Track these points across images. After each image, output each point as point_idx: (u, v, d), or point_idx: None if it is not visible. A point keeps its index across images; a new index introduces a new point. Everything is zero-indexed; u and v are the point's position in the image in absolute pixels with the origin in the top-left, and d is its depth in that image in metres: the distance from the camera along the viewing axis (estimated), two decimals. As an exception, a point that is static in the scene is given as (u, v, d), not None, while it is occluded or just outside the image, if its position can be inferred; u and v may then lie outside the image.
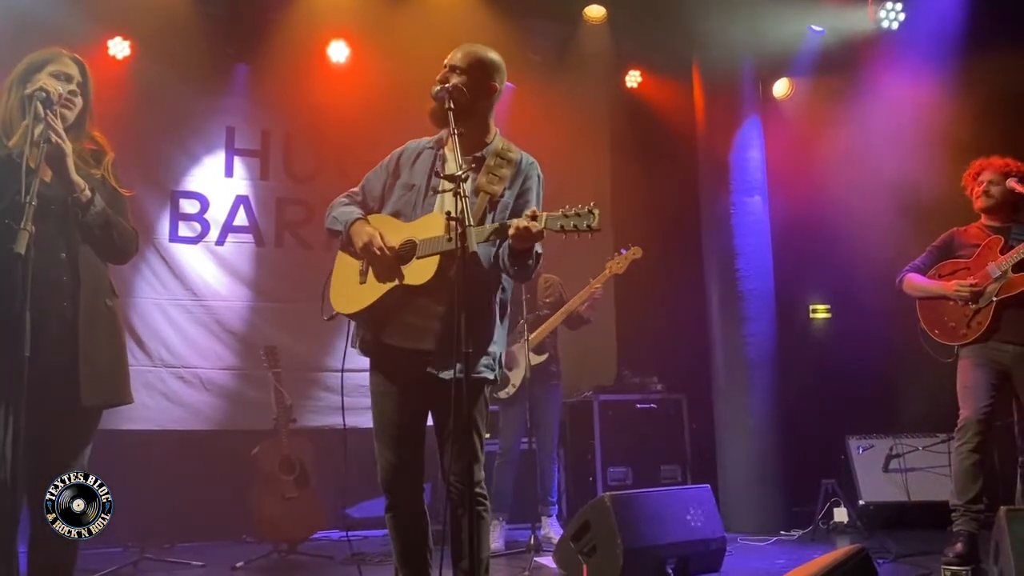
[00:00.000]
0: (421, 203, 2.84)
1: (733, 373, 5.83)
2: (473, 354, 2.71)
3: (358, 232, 2.79)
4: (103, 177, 2.71)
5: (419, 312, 2.74)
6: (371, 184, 3.01)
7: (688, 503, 4.29)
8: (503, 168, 2.86)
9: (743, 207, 5.93)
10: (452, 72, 2.85)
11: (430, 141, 2.98)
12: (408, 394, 2.82)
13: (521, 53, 6.51)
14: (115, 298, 2.76)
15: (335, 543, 5.52)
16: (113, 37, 5.84)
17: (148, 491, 5.17)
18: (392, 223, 2.85)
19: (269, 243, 6.33)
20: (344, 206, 2.96)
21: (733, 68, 6.09)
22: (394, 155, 3.01)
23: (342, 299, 2.88)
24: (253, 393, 5.86)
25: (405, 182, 2.91)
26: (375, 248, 2.73)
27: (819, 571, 2.06)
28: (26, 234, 2.20)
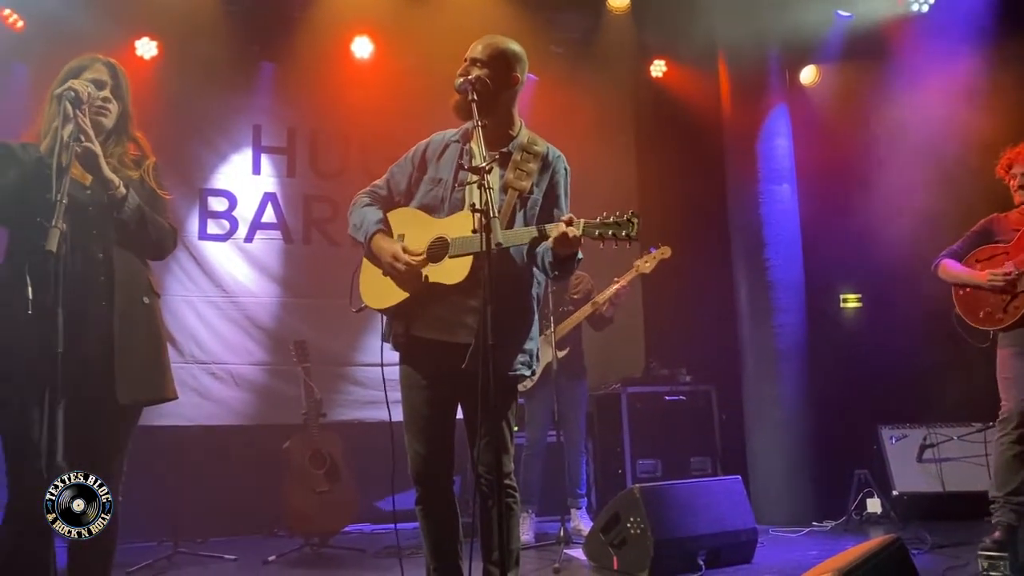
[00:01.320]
0: (448, 197, 2.83)
1: (763, 364, 5.77)
2: (510, 351, 2.74)
3: (380, 250, 2.82)
4: (141, 178, 2.74)
5: (451, 306, 2.74)
6: (396, 178, 3.01)
7: (718, 495, 4.28)
8: (529, 163, 2.85)
9: (771, 196, 5.87)
10: (474, 65, 2.84)
11: (455, 134, 2.97)
12: (438, 387, 2.82)
13: (544, 46, 6.50)
14: (154, 296, 2.77)
15: (366, 536, 5.57)
16: (140, 38, 5.91)
17: (181, 486, 5.25)
18: (420, 218, 2.86)
19: (297, 240, 6.38)
20: (365, 207, 2.96)
21: (759, 56, 6.03)
22: (419, 148, 3.01)
23: (372, 293, 2.89)
24: (283, 388, 5.91)
25: (432, 176, 2.91)
26: (399, 267, 2.75)
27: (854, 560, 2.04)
28: (57, 232, 2.22)
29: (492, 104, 2.80)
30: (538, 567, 4.37)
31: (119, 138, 2.75)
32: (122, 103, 2.75)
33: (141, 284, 2.73)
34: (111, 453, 2.67)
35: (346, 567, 4.71)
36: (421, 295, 2.76)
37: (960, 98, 5.75)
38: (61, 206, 2.26)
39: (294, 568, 4.72)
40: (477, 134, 2.64)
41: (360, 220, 2.92)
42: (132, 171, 2.73)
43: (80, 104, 2.50)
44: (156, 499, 4.90)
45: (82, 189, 2.61)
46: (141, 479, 2.74)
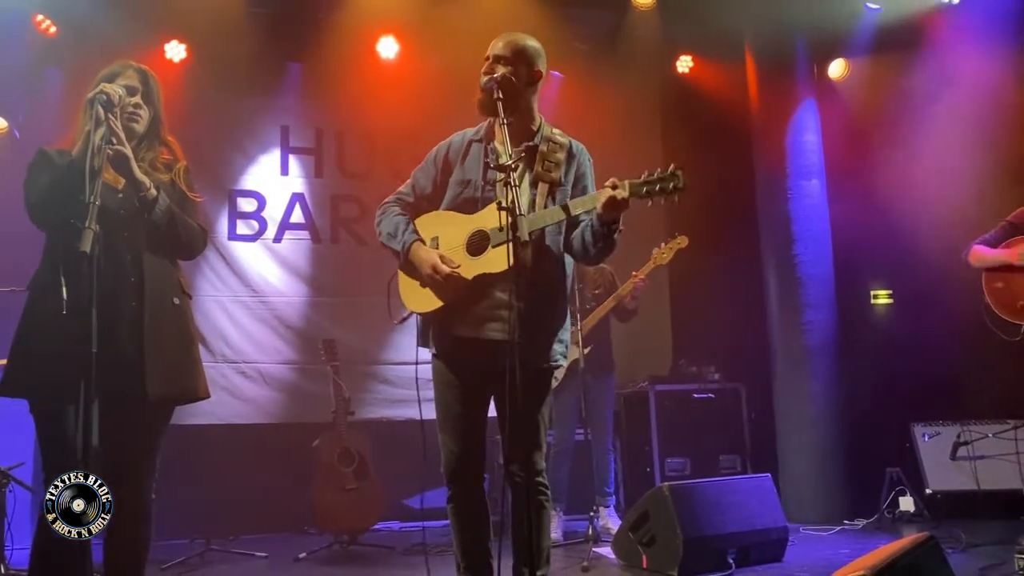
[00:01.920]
0: (481, 197, 2.84)
1: (792, 361, 5.72)
2: (546, 343, 2.74)
3: (419, 260, 2.81)
4: (172, 181, 2.77)
5: (487, 303, 2.75)
6: (420, 182, 3.01)
7: (748, 493, 4.25)
8: (556, 153, 2.87)
9: (800, 191, 5.81)
10: (497, 62, 2.85)
11: (476, 132, 2.98)
12: (472, 383, 2.83)
13: (568, 42, 6.48)
14: (184, 297, 2.81)
15: (395, 533, 5.60)
16: (169, 41, 5.97)
17: (212, 484, 5.31)
18: (454, 218, 2.86)
19: (325, 239, 6.42)
20: (395, 216, 2.95)
21: (787, 50, 5.98)
22: (440, 150, 3.01)
23: (414, 299, 2.88)
24: (312, 387, 5.95)
25: (459, 178, 2.91)
26: (441, 276, 2.74)
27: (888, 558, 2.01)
28: (91, 233, 2.25)
29: (517, 101, 2.82)
30: (566, 565, 4.37)
31: (151, 143, 2.79)
32: (153, 109, 2.79)
33: (171, 285, 2.76)
34: (144, 452, 2.71)
35: (375, 565, 4.74)
36: (464, 295, 2.76)
37: (992, 91, 5.66)
38: (94, 208, 2.30)
39: (324, 566, 4.76)
40: (503, 132, 2.64)
41: (393, 229, 2.91)
42: (163, 174, 2.77)
43: (112, 107, 2.53)
44: (188, 497, 4.96)
45: (114, 193, 2.65)
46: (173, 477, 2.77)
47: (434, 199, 2.97)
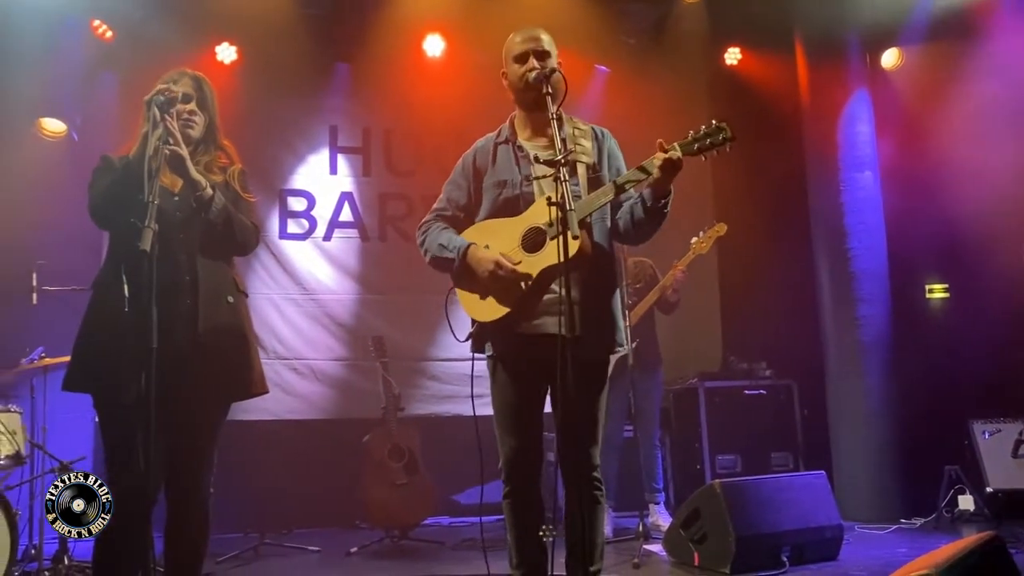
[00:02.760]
0: (522, 194, 2.84)
1: (846, 357, 5.62)
2: (603, 333, 2.76)
3: (477, 261, 2.79)
4: (226, 183, 2.83)
5: (546, 298, 2.74)
6: (453, 195, 3.01)
7: (802, 490, 4.19)
8: (583, 140, 2.88)
9: (853, 184, 5.70)
10: (542, 56, 2.84)
11: (498, 135, 2.99)
12: (530, 380, 2.83)
13: (615, 37, 6.47)
14: (239, 295, 2.86)
15: (444, 529, 5.63)
16: (220, 43, 6.07)
17: (266, 479, 5.39)
18: (503, 223, 2.85)
19: (373, 237, 6.48)
20: (440, 229, 2.95)
21: (838, 40, 5.86)
22: (467, 159, 3.01)
23: (480, 309, 2.85)
24: (362, 383, 6.02)
25: (493, 180, 2.90)
26: (505, 272, 2.73)
27: (952, 557, 1.96)
28: (150, 232, 2.31)
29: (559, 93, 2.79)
30: (617, 562, 4.35)
31: (207, 147, 2.84)
32: (208, 114, 2.84)
33: (226, 284, 2.81)
34: (202, 447, 2.76)
35: (426, 559, 4.77)
36: (529, 293, 2.75)
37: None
38: (153, 207, 2.35)
39: (376, 560, 4.81)
40: (553, 126, 2.63)
41: (445, 240, 2.90)
42: (217, 176, 2.82)
43: (168, 108, 2.58)
44: (242, 491, 5.04)
45: (170, 195, 2.71)
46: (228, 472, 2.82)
47: (472, 209, 2.97)
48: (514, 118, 3.00)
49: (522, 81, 2.82)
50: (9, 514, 3.61)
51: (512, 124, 2.98)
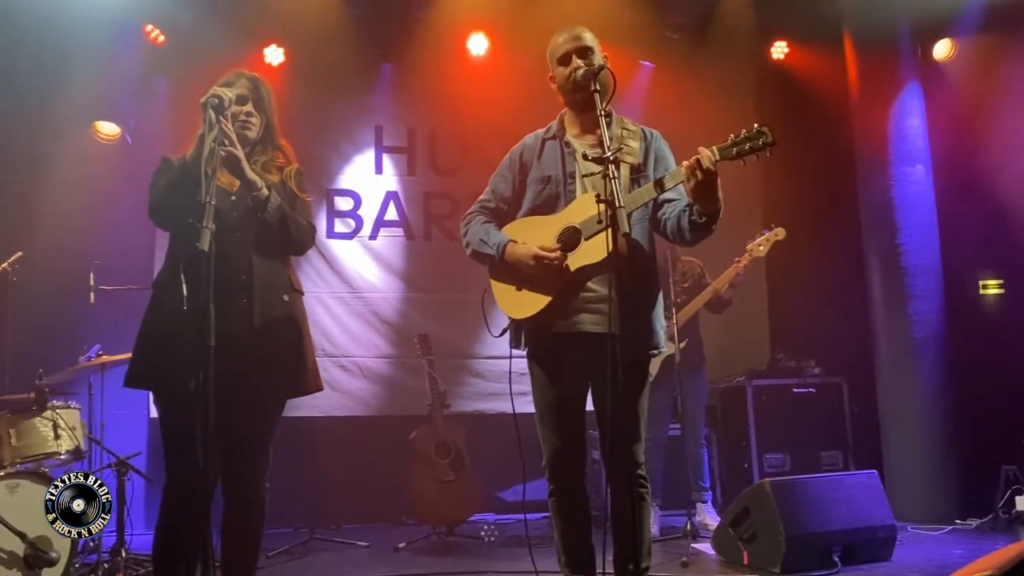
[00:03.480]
0: (564, 193, 2.84)
1: (897, 354, 5.52)
2: (643, 332, 2.75)
3: (516, 256, 2.81)
4: (283, 182, 2.86)
5: (584, 296, 2.74)
6: (499, 188, 3.03)
7: (854, 489, 4.13)
8: (631, 140, 2.86)
9: (904, 178, 5.59)
10: (585, 54, 2.85)
11: (547, 131, 2.99)
12: (571, 378, 2.84)
13: (659, 33, 6.43)
14: (295, 293, 2.89)
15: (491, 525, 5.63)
16: (268, 45, 6.17)
17: (314, 474, 5.47)
18: (540, 222, 2.86)
19: (418, 236, 6.53)
20: (482, 223, 2.97)
21: (889, 31, 5.75)
22: (514, 154, 3.02)
23: (515, 305, 2.88)
24: (409, 380, 6.07)
25: (538, 175, 2.91)
26: (549, 260, 2.73)
27: (1016, 558, 1.91)
28: (207, 232, 2.34)
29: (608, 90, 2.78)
30: (665, 561, 4.33)
31: (264, 148, 2.88)
32: (265, 115, 2.87)
33: (281, 283, 2.84)
34: (258, 444, 2.80)
35: (473, 556, 4.79)
36: (565, 291, 2.75)
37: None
38: (210, 208, 2.38)
39: (424, 555, 4.84)
40: (601, 123, 2.63)
41: (484, 235, 2.92)
42: (274, 176, 2.85)
43: (223, 110, 2.61)
44: (292, 487, 5.11)
45: (227, 195, 2.75)
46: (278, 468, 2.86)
47: (515, 203, 2.98)
48: (564, 115, 3.00)
49: (569, 82, 2.82)
50: (70, 507, 3.71)
51: (562, 121, 2.99)
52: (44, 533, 3.53)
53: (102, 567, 4.02)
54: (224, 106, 2.61)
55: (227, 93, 2.66)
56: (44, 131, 5.60)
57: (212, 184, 2.43)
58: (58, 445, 4.01)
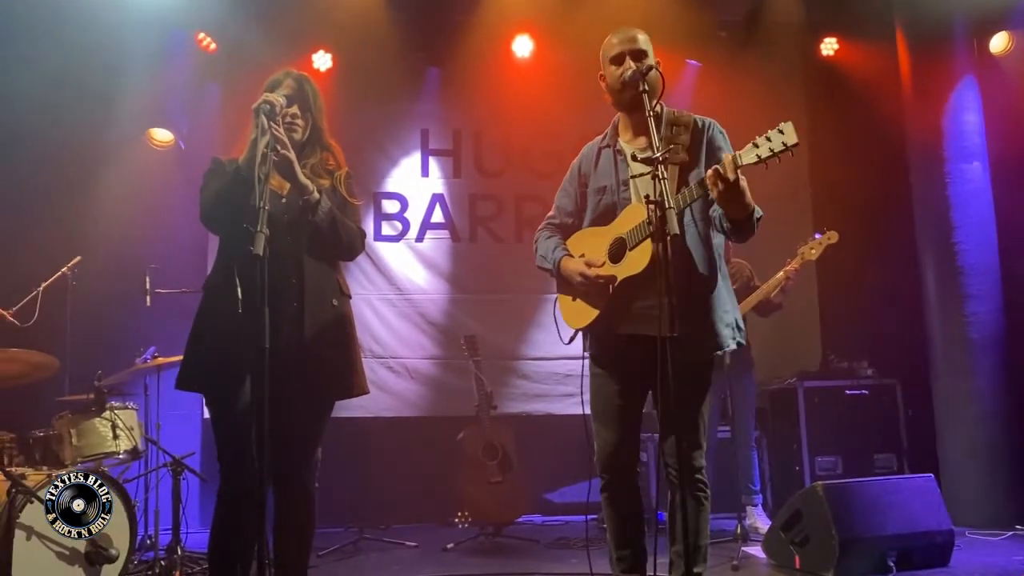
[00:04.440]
0: (619, 200, 2.87)
1: (954, 356, 5.38)
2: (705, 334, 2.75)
3: (568, 272, 2.91)
4: (333, 186, 2.88)
5: (644, 300, 2.74)
6: (562, 203, 3.11)
7: (909, 493, 4.04)
8: (681, 135, 2.84)
9: (960, 175, 5.46)
10: (638, 56, 2.85)
11: (602, 139, 3.02)
12: (630, 378, 2.86)
13: (707, 31, 6.39)
14: (344, 298, 2.90)
15: (538, 527, 5.66)
16: (316, 51, 6.25)
17: (364, 475, 5.52)
18: (596, 233, 2.91)
19: (464, 238, 6.56)
20: (546, 239, 3.08)
21: (942, 25, 5.61)
22: (573, 167, 3.10)
23: (573, 317, 2.98)
24: (455, 381, 6.10)
25: (595, 186, 2.96)
26: (590, 278, 2.81)
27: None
28: (262, 236, 2.38)
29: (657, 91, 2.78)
30: (715, 563, 4.28)
31: (312, 149, 2.89)
32: (311, 116, 2.88)
33: (330, 287, 2.86)
34: (307, 444, 2.83)
35: (521, 557, 4.79)
36: (612, 302, 2.81)
37: None
38: (264, 212, 2.42)
39: (472, 556, 4.86)
40: (650, 123, 2.62)
41: (545, 251, 3.05)
42: (324, 179, 2.86)
43: (274, 115, 2.64)
44: (342, 486, 5.17)
45: (278, 199, 2.77)
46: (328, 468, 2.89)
47: (579, 215, 3.05)
48: (617, 121, 3.01)
49: (619, 82, 2.84)
50: (128, 505, 3.79)
51: (615, 127, 3.00)
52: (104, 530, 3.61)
53: (159, 564, 4.10)
54: (276, 112, 2.65)
55: (279, 99, 2.69)
56: (100, 138, 5.75)
57: (265, 189, 2.47)
58: (117, 445, 4.11)
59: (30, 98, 5.25)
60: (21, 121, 5.29)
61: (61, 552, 3.48)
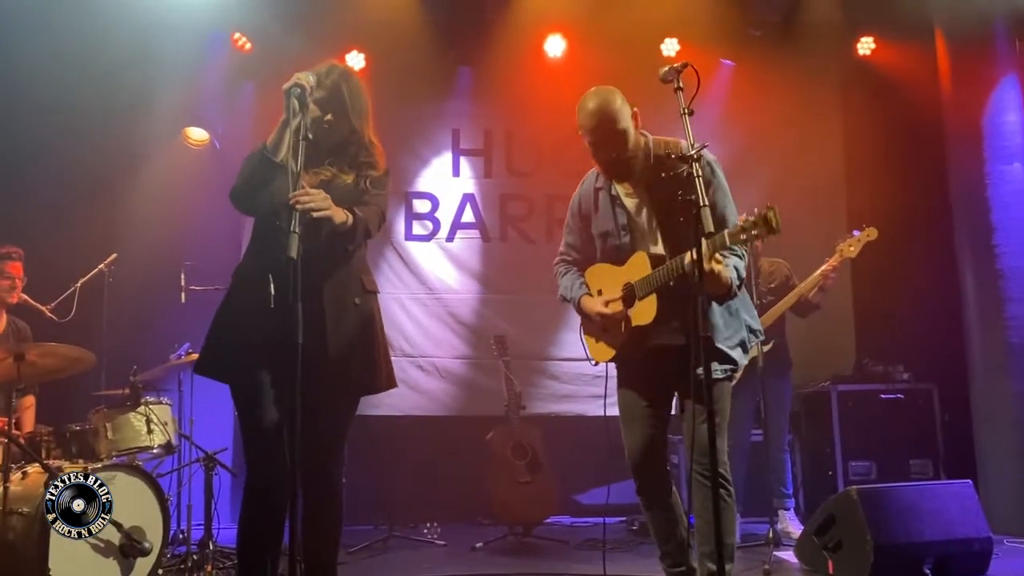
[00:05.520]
0: (621, 245, 2.97)
1: (993, 360, 5.29)
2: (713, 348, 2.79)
3: (587, 311, 3.05)
4: (356, 182, 2.81)
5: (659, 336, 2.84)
6: (571, 240, 3.23)
7: (947, 499, 3.97)
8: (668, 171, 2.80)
9: (1000, 177, 5.36)
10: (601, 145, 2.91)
11: (596, 179, 3.07)
12: (655, 383, 2.93)
13: (742, 30, 6.32)
14: (367, 295, 2.86)
15: (566, 528, 5.64)
16: (350, 51, 6.28)
17: (393, 473, 5.54)
18: (610, 271, 3.03)
19: (494, 238, 6.56)
20: (565, 274, 3.22)
21: (982, 24, 5.52)
22: (573, 204, 3.19)
23: (595, 349, 3.11)
24: (485, 381, 6.10)
25: (599, 231, 3.05)
26: (606, 316, 2.95)
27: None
28: (295, 238, 2.36)
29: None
30: (747, 568, 4.25)
31: (346, 149, 2.84)
32: (348, 117, 2.80)
33: (352, 286, 2.82)
34: (334, 439, 2.82)
35: (550, 558, 4.78)
36: (628, 344, 2.93)
37: None
38: (297, 212, 2.40)
39: (501, 556, 4.86)
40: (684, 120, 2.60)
41: (567, 287, 3.18)
42: (348, 175, 2.82)
43: (305, 99, 2.56)
44: (371, 484, 5.20)
45: None
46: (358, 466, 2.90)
47: (587, 248, 3.16)
48: None
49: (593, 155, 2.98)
50: (162, 499, 3.84)
51: None
52: (138, 524, 3.66)
53: (191, 558, 4.15)
54: (307, 95, 2.57)
55: (309, 80, 2.60)
56: (137, 136, 5.83)
57: (299, 182, 2.46)
58: (151, 439, 4.15)
59: (68, 96, 5.33)
60: (59, 119, 5.36)
61: (96, 544, 3.53)
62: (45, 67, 5.36)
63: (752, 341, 2.97)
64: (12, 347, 3.84)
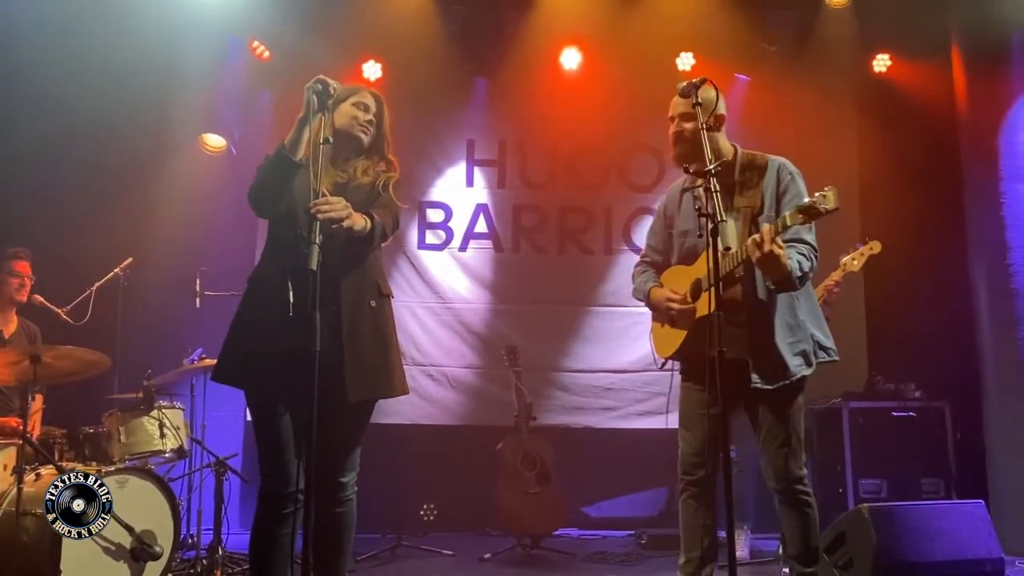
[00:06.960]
0: (699, 244, 2.99)
1: (1007, 379, 5.26)
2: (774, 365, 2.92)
3: (657, 301, 3.17)
4: (372, 184, 2.83)
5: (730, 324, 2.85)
6: (652, 243, 3.34)
7: (958, 519, 3.94)
8: (754, 179, 2.99)
9: (1016, 196, 5.34)
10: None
11: (684, 181, 3.17)
12: (704, 394, 3.00)
13: (757, 45, 6.33)
14: (382, 298, 2.87)
15: (575, 540, 5.62)
16: (367, 60, 6.32)
17: (402, 482, 5.54)
18: (683, 271, 3.14)
19: (507, 248, 6.56)
20: (641, 274, 3.33)
21: (1000, 42, 5.51)
22: (659, 207, 3.33)
23: (661, 345, 3.23)
24: (495, 391, 6.10)
25: (679, 230, 3.16)
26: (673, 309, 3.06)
27: None
28: (315, 249, 2.36)
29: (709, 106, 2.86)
30: (756, 584, 4.23)
31: (370, 155, 2.89)
32: (379, 129, 2.89)
33: (368, 289, 2.83)
34: (348, 446, 2.83)
35: (557, 570, 4.78)
36: (694, 334, 3.01)
37: None
38: (317, 222, 2.40)
39: (509, 567, 4.86)
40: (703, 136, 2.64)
41: (640, 284, 3.30)
42: (364, 178, 2.83)
43: (327, 99, 2.57)
44: (380, 492, 5.18)
45: None
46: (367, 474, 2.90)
47: (668, 252, 3.24)
48: None
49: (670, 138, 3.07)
50: (173, 503, 3.86)
51: None
52: (150, 527, 3.68)
53: (200, 563, 4.16)
54: (328, 92, 2.57)
55: (333, 81, 2.60)
56: (154, 142, 5.87)
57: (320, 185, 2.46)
58: (163, 443, 4.17)
59: (86, 101, 5.36)
60: (77, 123, 5.40)
61: (107, 547, 3.55)
62: (63, 70, 5.40)
63: (820, 356, 3.03)
64: (29, 349, 3.86)
